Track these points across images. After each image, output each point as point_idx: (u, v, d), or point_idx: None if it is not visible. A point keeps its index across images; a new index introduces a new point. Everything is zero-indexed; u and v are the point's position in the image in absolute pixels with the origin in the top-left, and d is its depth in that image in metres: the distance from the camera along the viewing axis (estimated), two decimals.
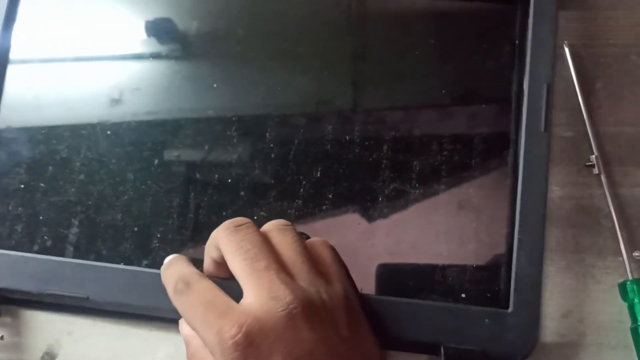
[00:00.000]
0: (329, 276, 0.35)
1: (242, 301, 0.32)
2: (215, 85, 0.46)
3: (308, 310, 0.32)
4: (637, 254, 0.41)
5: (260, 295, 0.32)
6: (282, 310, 0.31)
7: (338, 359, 0.32)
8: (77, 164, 0.45)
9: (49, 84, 0.48)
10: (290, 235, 0.35)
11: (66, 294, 0.41)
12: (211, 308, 0.32)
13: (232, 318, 0.31)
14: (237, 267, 0.33)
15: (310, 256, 0.35)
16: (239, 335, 0.30)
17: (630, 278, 0.40)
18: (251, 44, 0.47)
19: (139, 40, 0.48)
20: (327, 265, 0.36)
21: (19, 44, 0.48)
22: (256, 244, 0.34)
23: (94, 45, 0.48)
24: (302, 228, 0.42)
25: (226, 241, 0.34)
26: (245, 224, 0.35)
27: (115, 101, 0.46)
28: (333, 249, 0.37)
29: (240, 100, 0.45)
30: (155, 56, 0.47)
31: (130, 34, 0.48)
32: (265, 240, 0.35)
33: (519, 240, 0.39)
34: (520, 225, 0.39)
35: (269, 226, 0.36)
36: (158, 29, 0.48)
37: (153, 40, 0.48)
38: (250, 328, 0.30)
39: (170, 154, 0.45)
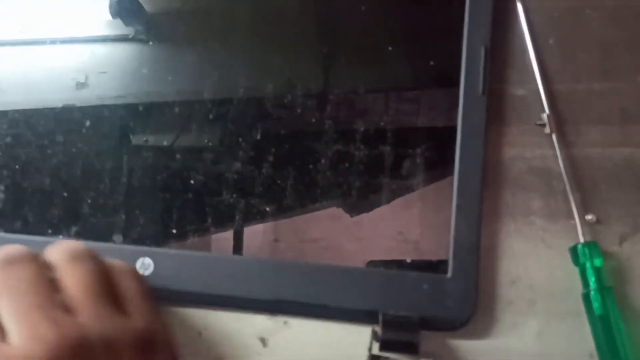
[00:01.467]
0: (127, 309, 0.33)
1: (10, 340, 0.30)
2: (182, 67, 0.46)
3: (78, 351, 0.30)
4: (589, 217, 0.39)
5: (23, 336, 0.30)
6: (44, 352, 0.29)
7: None
8: (44, 148, 0.45)
9: (11, 67, 0.48)
10: (78, 268, 0.33)
11: None
12: None
13: None
14: (4, 308, 0.31)
15: (104, 288, 0.33)
16: None
17: (582, 242, 0.39)
18: (219, 25, 0.47)
19: (104, 22, 0.47)
20: (127, 298, 0.34)
21: None
22: (27, 281, 0.32)
23: (59, 27, 0.48)
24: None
25: None
26: (20, 258, 0.33)
27: (81, 84, 0.46)
28: (138, 279, 0.35)
29: (207, 83, 0.45)
30: (121, 39, 0.47)
31: (95, 15, 0.48)
32: (42, 275, 0.32)
33: (457, 206, 0.39)
34: (458, 191, 0.39)
35: (57, 255, 0.34)
36: (123, 10, 0.47)
37: (118, 22, 0.47)
38: None
39: (137, 139, 0.44)
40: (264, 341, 0.39)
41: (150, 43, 0.47)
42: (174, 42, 0.47)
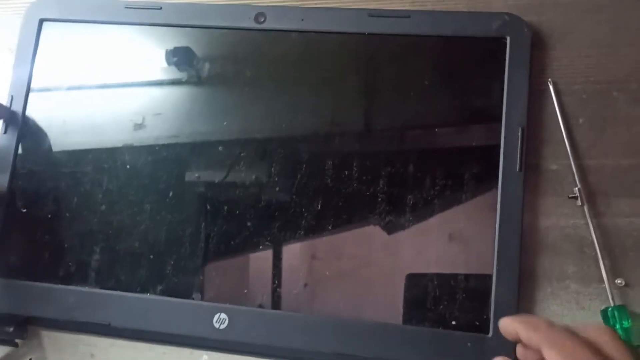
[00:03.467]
0: None
1: None
2: (230, 109, 0.49)
3: None
4: (619, 282, 0.43)
5: None
6: None
7: None
8: (103, 185, 0.49)
9: (75, 110, 0.51)
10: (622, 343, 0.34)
11: (90, 321, 0.46)
12: None
13: None
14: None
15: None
16: None
17: (612, 305, 0.42)
18: (266, 71, 0.50)
19: (159, 68, 0.51)
20: None
21: (47, 73, 0.52)
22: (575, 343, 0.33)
23: (118, 73, 0.52)
24: (306, 245, 0.46)
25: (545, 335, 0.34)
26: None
27: (139, 126, 0.50)
28: None
29: (256, 124, 0.49)
30: (175, 83, 0.51)
31: (151, 62, 0.52)
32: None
33: (497, 271, 0.42)
34: (497, 258, 0.43)
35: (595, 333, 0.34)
36: (177, 58, 0.51)
37: (173, 68, 0.51)
38: None
39: (190, 175, 0.48)
40: None
41: (202, 87, 0.50)
42: (222, 86, 0.50)
